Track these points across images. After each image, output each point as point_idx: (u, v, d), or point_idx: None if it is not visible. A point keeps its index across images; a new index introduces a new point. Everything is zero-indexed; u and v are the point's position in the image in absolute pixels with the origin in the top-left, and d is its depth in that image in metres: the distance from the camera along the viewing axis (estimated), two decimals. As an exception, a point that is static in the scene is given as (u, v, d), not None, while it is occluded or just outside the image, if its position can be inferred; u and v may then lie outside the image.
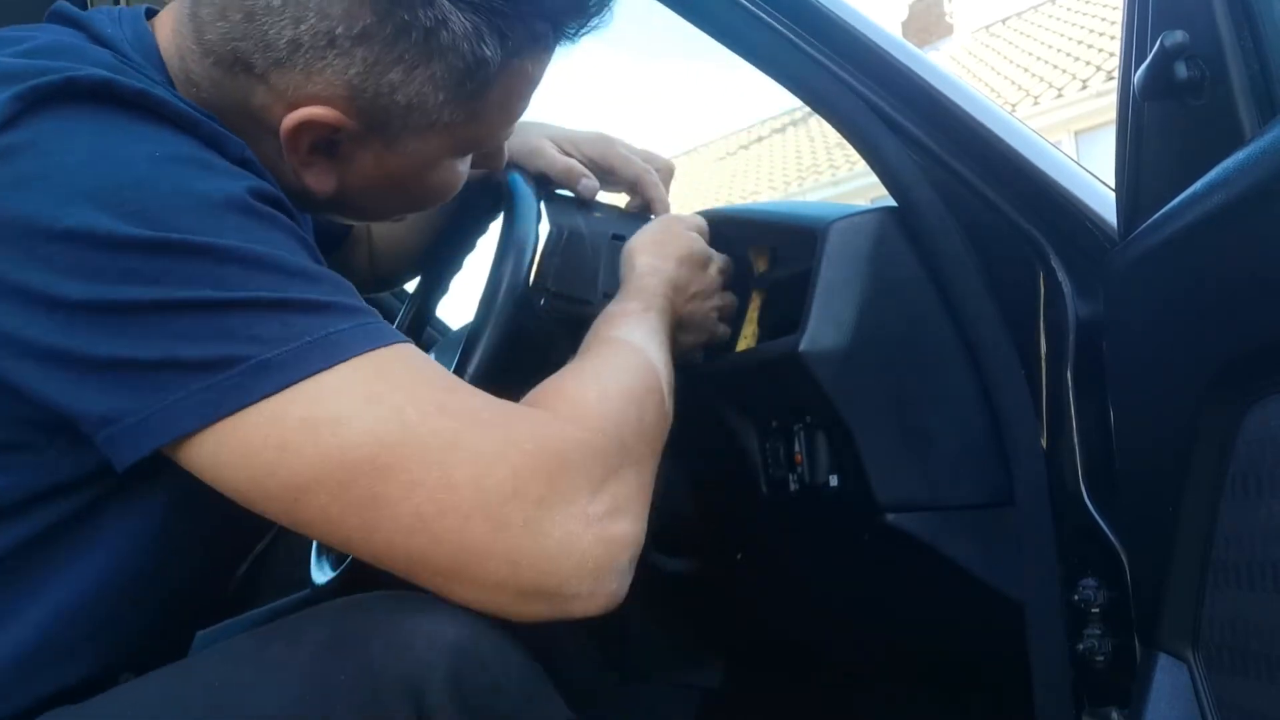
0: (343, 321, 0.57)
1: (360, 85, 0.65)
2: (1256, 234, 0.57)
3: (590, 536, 0.58)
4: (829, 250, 0.90)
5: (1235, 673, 0.64)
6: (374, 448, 0.55)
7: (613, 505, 0.61)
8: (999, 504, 0.88)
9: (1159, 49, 0.68)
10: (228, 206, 0.57)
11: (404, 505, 0.55)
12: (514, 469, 0.57)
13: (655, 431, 0.71)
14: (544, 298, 0.95)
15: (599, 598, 0.59)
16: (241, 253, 0.56)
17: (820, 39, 0.90)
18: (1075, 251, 0.86)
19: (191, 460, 0.56)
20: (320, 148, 0.68)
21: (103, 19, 0.67)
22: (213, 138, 0.61)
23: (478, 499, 0.56)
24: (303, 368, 0.55)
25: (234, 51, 0.64)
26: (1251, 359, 0.59)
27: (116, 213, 0.54)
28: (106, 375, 0.54)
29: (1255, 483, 0.60)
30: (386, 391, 0.57)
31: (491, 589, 0.57)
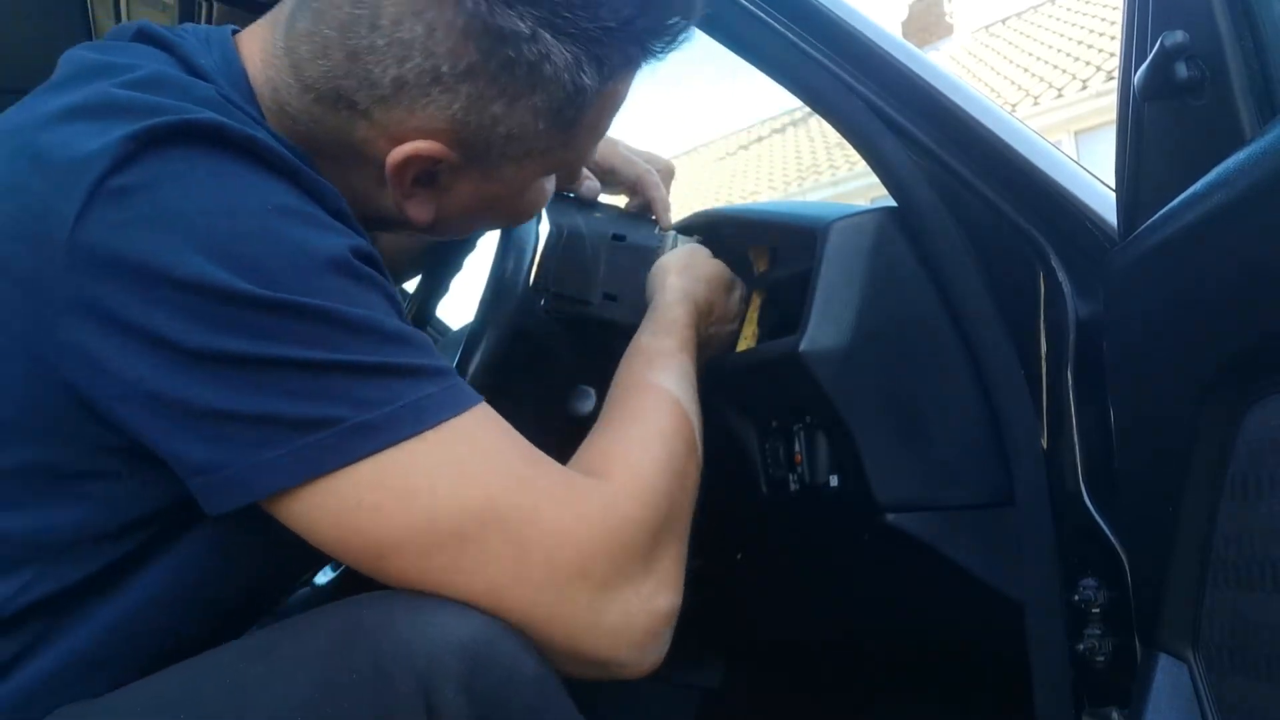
0: (431, 385, 0.59)
1: (464, 119, 0.66)
2: (1256, 234, 0.57)
3: (643, 615, 0.62)
4: (829, 250, 0.90)
5: (1235, 672, 0.64)
6: (460, 519, 0.58)
7: (661, 581, 0.65)
8: (999, 504, 0.88)
9: (1159, 49, 0.68)
10: (333, 267, 0.58)
11: (479, 574, 0.59)
12: (582, 550, 0.60)
13: (693, 496, 0.74)
14: (544, 298, 0.95)
15: (643, 665, 0.63)
16: (345, 316, 0.57)
17: (820, 39, 0.90)
18: (1075, 251, 0.86)
19: (281, 511, 0.58)
20: (422, 179, 0.70)
21: (192, 43, 0.68)
22: (313, 187, 0.62)
23: (547, 576, 0.59)
24: (397, 431, 0.57)
25: (337, 89, 0.65)
26: (1251, 359, 0.59)
27: (231, 267, 0.55)
28: (208, 425, 0.56)
29: (1255, 483, 0.60)
30: (474, 463, 0.59)
31: (555, 655, 0.60)
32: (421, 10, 0.62)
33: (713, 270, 0.96)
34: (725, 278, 0.97)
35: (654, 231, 1.00)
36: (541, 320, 0.97)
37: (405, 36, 0.62)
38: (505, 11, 0.62)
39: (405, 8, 0.62)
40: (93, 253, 0.55)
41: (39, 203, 0.56)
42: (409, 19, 0.62)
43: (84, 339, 0.56)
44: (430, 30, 0.62)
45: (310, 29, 0.65)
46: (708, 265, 0.96)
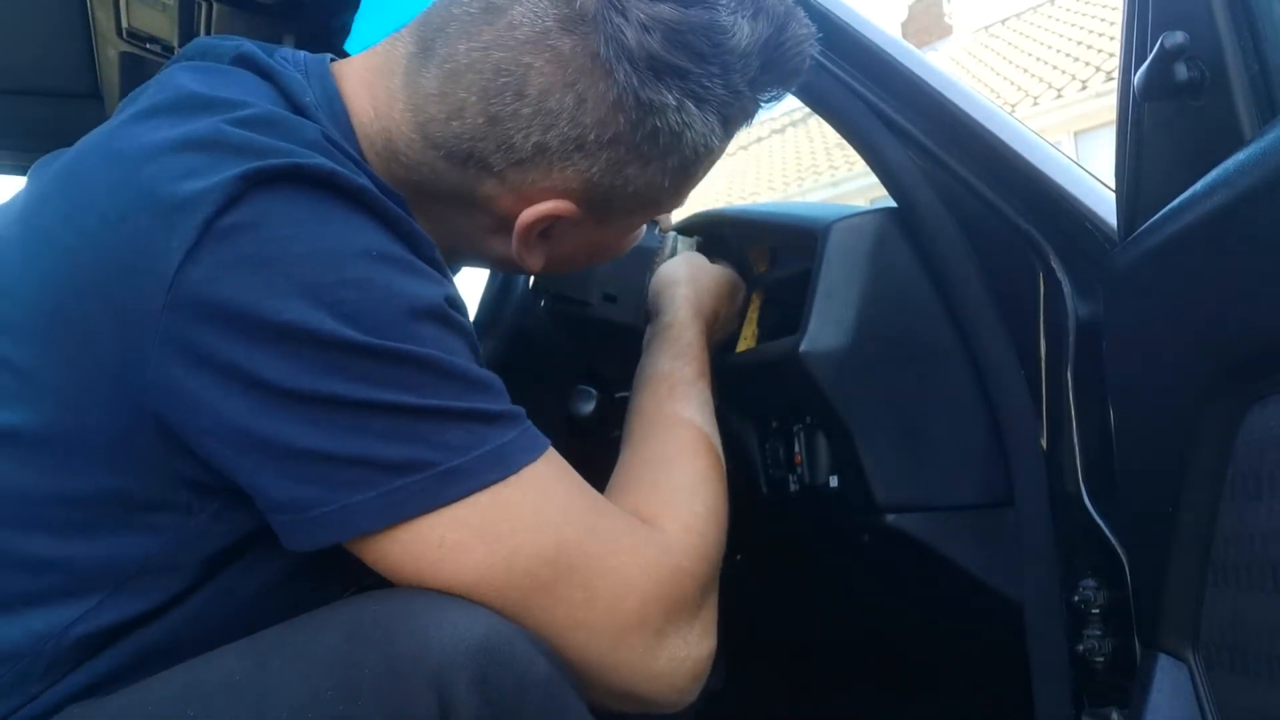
0: (509, 431, 0.61)
1: (598, 182, 0.68)
2: (1256, 235, 0.57)
3: (689, 662, 0.66)
4: (829, 251, 0.90)
5: (1235, 673, 0.64)
6: (534, 563, 0.60)
7: (705, 628, 0.68)
8: (999, 504, 0.88)
9: (1159, 50, 0.68)
10: (427, 315, 0.60)
11: (546, 615, 0.61)
12: (643, 600, 0.63)
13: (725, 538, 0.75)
14: (544, 299, 0.95)
15: (680, 706, 0.67)
16: (437, 362, 0.59)
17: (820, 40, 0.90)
18: (1075, 252, 0.86)
19: (363, 550, 0.60)
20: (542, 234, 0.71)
21: (292, 74, 0.68)
22: (411, 234, 0.62)
23: (609, 622, 0.62)
24: (484, 477, 0.59)
25: (470, 151, 0.66)
26: (1251, 359, 0.59)
27: (332, 312, 0.56)
28: (299, 464, 0.57)
29: (1255, 483, 0.60)
30: (550, 508, 0.62)
31: (601, 693, 0.64)
32: (573, 82, 0.64)
33: (718, 279, 0.97)
34: (730, 284, 0.98)
35: (654, 232, 1.00)
36: (541, 321, 0.97)
37: (554, 107, 0.64)
38: (655, 84, 0.64)
39: (555, 79, 0.64)
40: (196, 291, 0.55)
41: (146, 237, 0.57)
42: (559, 90, 0.64)
43: (179, 373, 0.56)
44: (580, 101, 0.64)
45: (443, 89, 0.66)
46: (712, 274, 0.97)
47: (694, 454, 0.77)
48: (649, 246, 0.99)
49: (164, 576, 0.61)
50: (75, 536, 0.60)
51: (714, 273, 0.97)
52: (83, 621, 0.60)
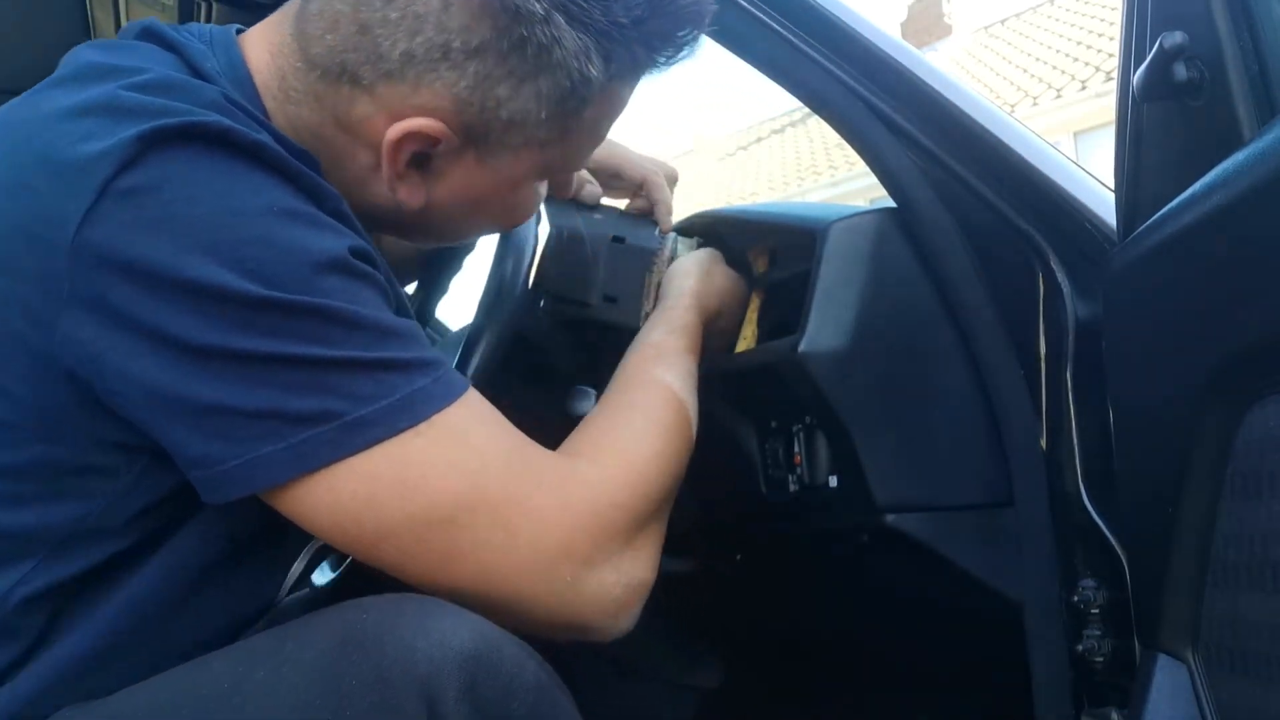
0: (424, 378, 0.61)
1: (467, 99, 0.66)
2: (1256, 235, 0.57)
3: (618, 588, 0.67)
4: (828, 251, 0.90)
5: (1235, 673, 0.64)
6: (450, 510, 0.61)
7: (638, 559, 0.69)
8: (998, 504, 0.88)
9: (1158, 50, 0.68)
10: (331, 266, 0.60)
11: (470, 558, 0.62)
12: (567, 533, 0.64)
13: (679, 478, 0.77)
14: (544, 299, 0.95)
15: (614, 631, 0.69)
16: (343, 314, 0.59)
17: (820, 40, 0.90)
18: (1074, 252, 0.86)
19: (279, 502, 0.60)
20: (416, 161, 0.70)
21: (196, 45, 0.68)
22: (314, 188, 0.63)
23: (534, 558, 0.63)
24: (392, 426, 0.60)
25: (342, 64, 0.66)
26: (1250, 359, 0.59)
27: (236, 269, 0.57)
28: (209, 420, 0.58)
29: (1255, 483, 0.61)
30: (464, 453, 0.62)
31: (531, 625, 0.65)
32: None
33: (727, 281, 0.98)
34: (738, 289, 1.00)
35: (654, 234, 1.00)
36: (541, 322, 0.97)
37: (420, 10, 0.63)
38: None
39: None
40: (98, 252, 0.56)
41: (45, 201, 0.57)
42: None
43: (87, 334, 0.57)
44: (446, 4, 0.63)
45: (322, 6, 0.66)
46: (723, 276, 0.98)
47: (657, 406, 0.78)
48: (649, 248, 0.99)
49: (100, 537, 0.62)
50: (9, 507, 0.61)
51: (725, 273, 0.99)
52: (24, 584, 0.61)
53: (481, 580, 0.62)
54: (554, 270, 0.96)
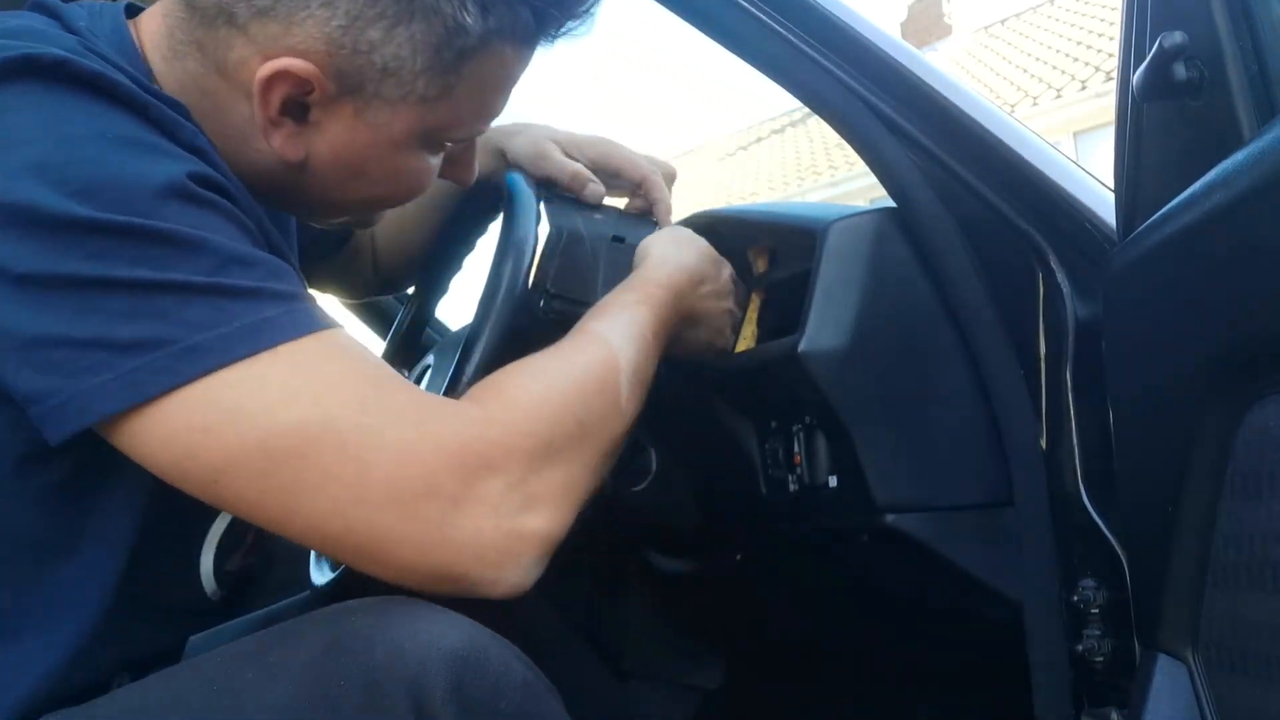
0: (273, 308, 0.58)
1: (339, 40, 0.65)
2: (1256, 235, 0.57)
3: (498, 534, 0.61)
4: (828, 251, 0.90)
5: (1235, 673, 0.64)
6: (295, 438, 0.57)
7: (525, 503, 0.63)
8: (998, 504, 0.88)
9: (1158, 50, 0.68)
10: (169, 190, 0.58)
11: (321, 494, 0.58)
12: (429, 467, 0.59)
13: (599, 429, 0.71)
14: (543, 299, 0.95)
15: (501, 585, 0.62)
16: (178, 236, 0.57)
17: (819, 40, 0.90)
18: (1074, 252, 0.86)
19: (116, 438, 0.57)
20: (291, 109, 0.68)
21: (80, 12, 0.68)
22: (164, 122, 0.61)
23: (390, 494, 0.58)
24: (229, 353, 0.56)
25: (218, 4, 0.65)
26: (1251, 359, 0.59)
27: (61, 190, 0.55)
28: (38, 352, 0.55)
29: (1255, 483, 0.61)
30: (312, 384, 0.58)
31: (401, 572, 0.60)
32: None
33: (701, 244, 0.93)
34: (712, 252, 0.93)
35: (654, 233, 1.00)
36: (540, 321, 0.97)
37: None
38: None
39: None
40: None
41: None
42: None
43: None
44: None
45: None
46: (695, 241, 0.93)
47: (575, 351, 0.74)
48: None
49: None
50: None
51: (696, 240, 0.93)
52: None
53: (336, 518, 0.58)
54: (554, 270, 0.96)
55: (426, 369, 1.07)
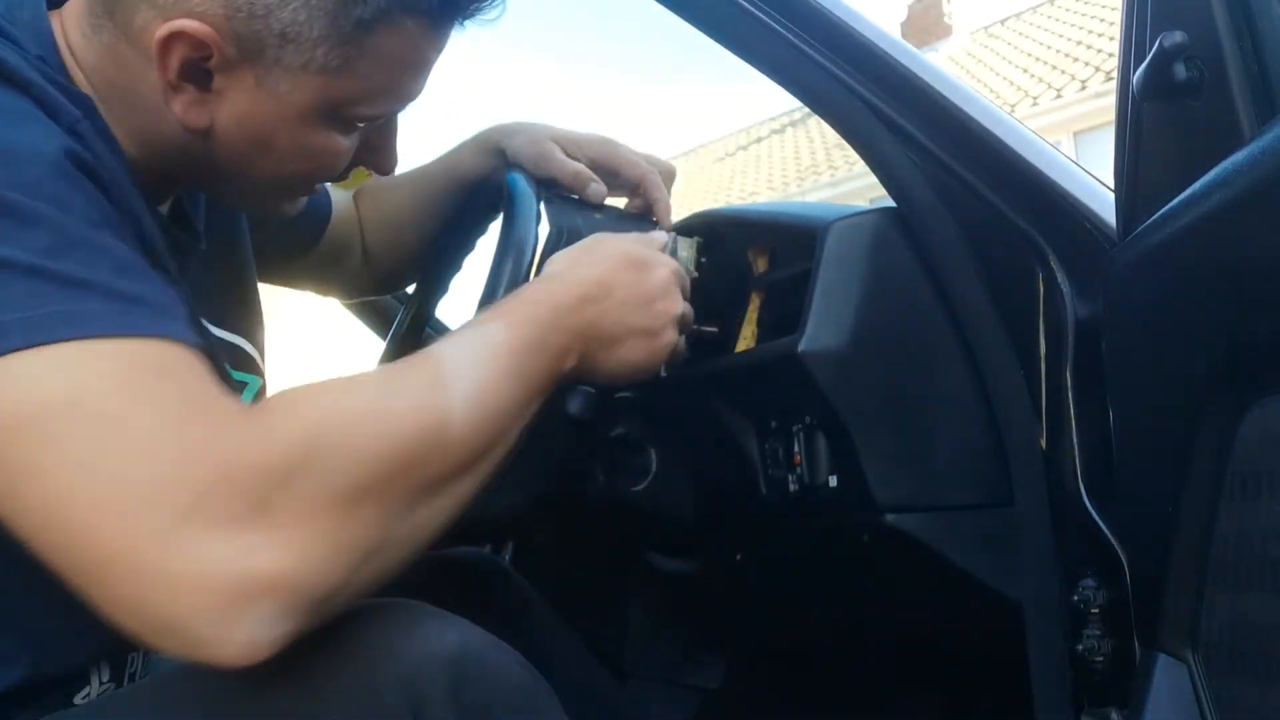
0: (100, 302, 0.54)
1: (236, 3, 0.65)
2: (1256, 234, 0.57)
3: (225, 567, 0.49)
4: (828, 251, 0.90)
5: (1234, 673, 0.64)
6: (40, 418, 0.51)
7: (278, 540, 0.51)
8: (998, 504, 0.88)
9: (1158, 49, 0.68)
10: (31, 160, 0.56)
11: (46, 476, 0.51)
12: (160, 473, 0.50)
13: (410, 465, 0.58)
14: None
15: (230, 646, 0.49)
16: (19, 208, 0.54)
17: (820, 40, 0.90)
18: (1074, 252, 0.86)
19: None
20: (193, 74, 0.67)
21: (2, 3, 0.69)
22: (47, 101, 0.61)
23: (113, 493, 0.50)
24: (29, 337, 0.52)
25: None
26: (1250, 359, 0.59)
27: None
28: None
29: (1255, 483, 0.61)
30: (82, 374, 0.52)
31: (118, 604, 0.51)
32: None
33: (613, 250, 0.81)
34: (635, 255, 0.81)
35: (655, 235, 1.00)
36: None
37: None
38: None
39: None
40: None
41: None
42: None
43: None
44: None
45: None
46: (605, 247, 0.81)
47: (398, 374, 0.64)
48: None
49: None
50: None
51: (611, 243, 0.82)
52: None
53: (56, 505, 0.50)
54: None
55: (426, 369, 1.07)
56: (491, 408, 0.64)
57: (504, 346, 0.67)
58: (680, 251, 1.01)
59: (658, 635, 1.39)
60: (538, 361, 0.69)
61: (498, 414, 0.64)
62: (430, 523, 0.59)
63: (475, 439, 0.62)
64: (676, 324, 0.82)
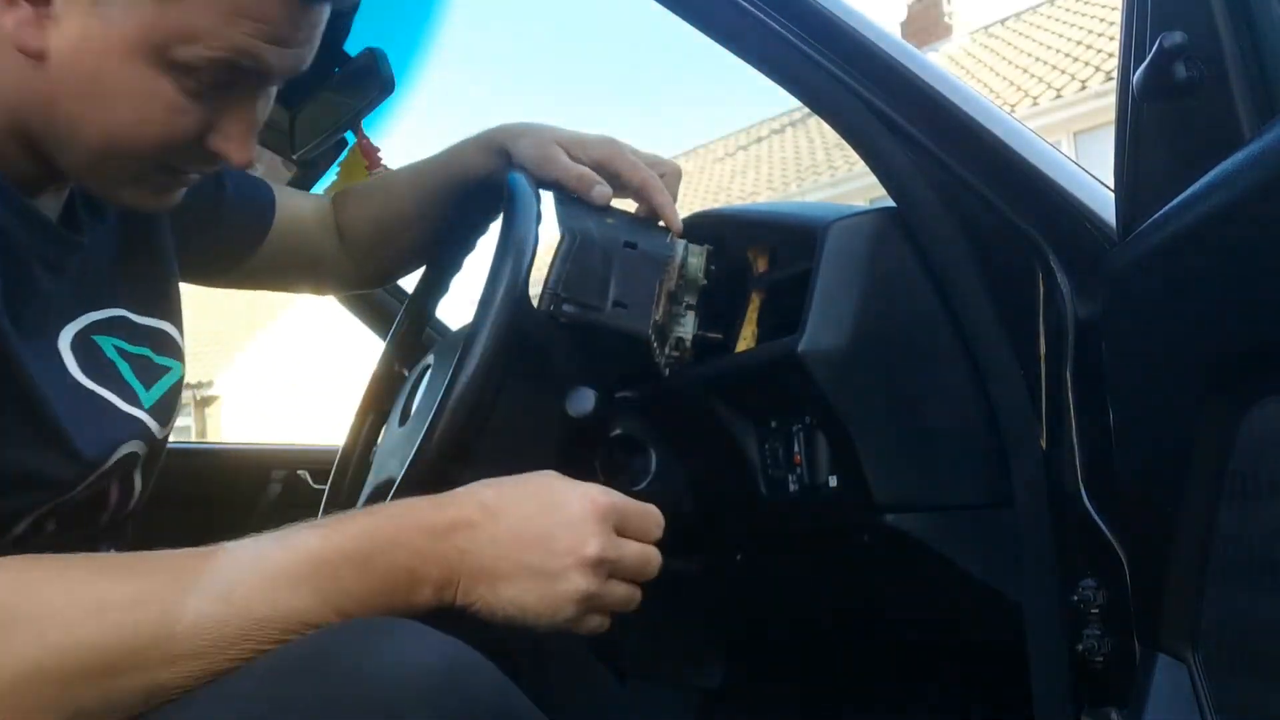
0: None
1: None
2: (1256, 234, 0.57)
3: None
4: (828, 251, 0.90)
5: (1234, 673, 0.64)
6: None
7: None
8: (998, 504, 0.88)
9: (1158, 49, 0.68)
10: None
11: None
12: None
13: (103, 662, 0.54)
14: (554, 303, 0.95)
15: None
16: None
17: (819, 40, 0.90)
18: (1074, 252, 0.86)
19: None
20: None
21: None
22: None
23: None
24: None
25: None
26: (1250, 359, 0.59)
27: None
28: None
29: (1254, 483, 0.61)
30: None
31: None
32: None
33: (537, 478, 0.72)
34: (550, 487, 0.71)
35: (666, 240, 1.00)
36: (540, 322, 0.97)
37: None
38: None
39: None
40: None
41: None
42: None
43: None
44: None
45: None
46: (535, 478, 0.72)
47: (139, 570, 0.59)
48: (660, 254, 0.98)
49: None
50: None
51: (533, 478, 0.72)
52: None
53: None
54: (566, 274, 0.96)
55: (427, 369, 1.07)
56: (243, 612, 0.57)
57: (303, 553, 0.61)
58: (690, 259, 1.01)
59: (658, 635, 1.39)
60: (353, 578, 0.61)
61: (250, 620, 0.57)
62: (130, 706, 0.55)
63: (202, 640, 0.56)
64: (589, 571, 0.68)
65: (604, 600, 0.71)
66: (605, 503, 0.71)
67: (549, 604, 0.68)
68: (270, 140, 1.49)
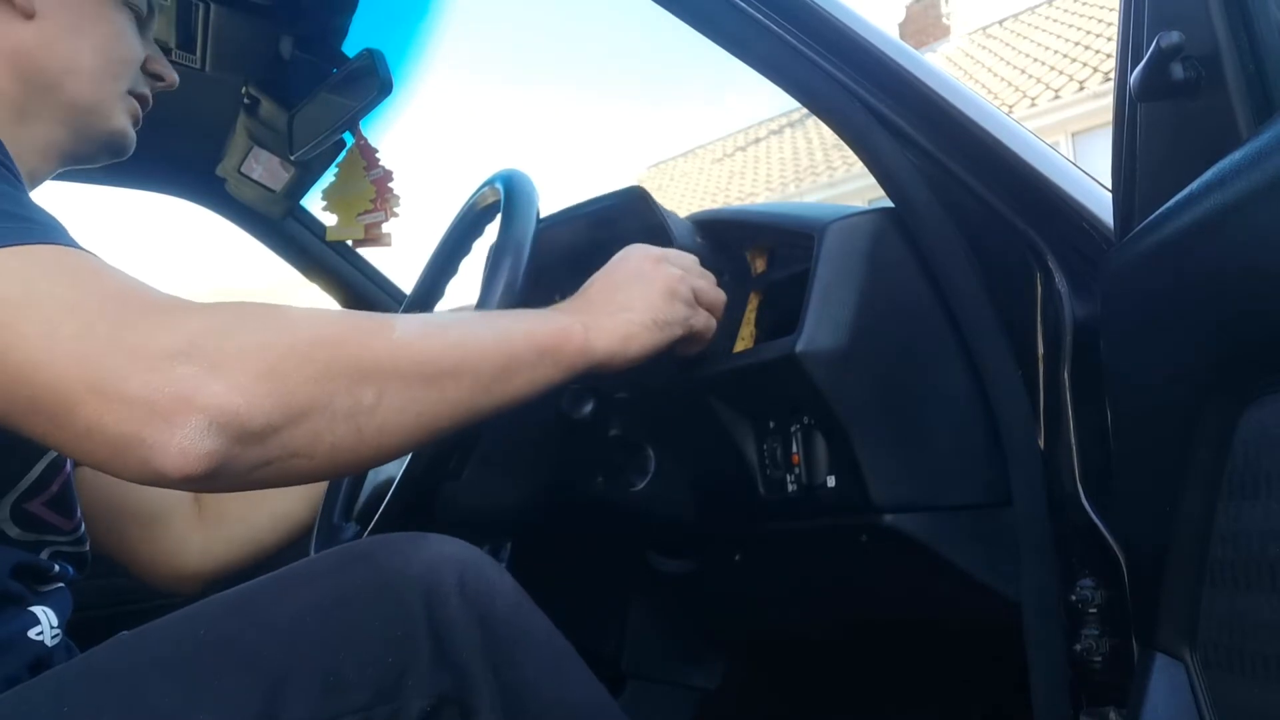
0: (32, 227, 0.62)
1: None
2: (1253, 235, 0.57)
3: (172, 391, 0.56)
4: (826, 251, 0.90)
5: (1232, 673, 0.64)
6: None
7: (210, 373, 0.57)
8: (996, 504, 0.88)
9: (1155, 50, 0.68)
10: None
11: (13, 354, 0.57)
12: (114, 329, 0.58)
13: (333, 341, 0.63)
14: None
15: (167, 454, 0.56)
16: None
17: (817, 41, 0.90)
18: (1072, 252, 0.86)
19: None
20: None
21: None
22: None
23: (73, 348, 0.57)
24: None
25: None
26: (1248, 359, 0.59)
27: None
28: None
29: (1253, 483, 0.61)
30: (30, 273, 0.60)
31: (81, 433, 0.57)
32: None
33: (626, 263, 0.88)
34: (650, 249, 0.89)
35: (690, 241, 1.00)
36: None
37: None
38: None
39: None
40: None
41: None
42: None
43: None
44: None
45: None
46: (626, 259, 0.88)
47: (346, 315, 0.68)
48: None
49: None
50: None
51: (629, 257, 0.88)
52: None
53: (27, 368, 0.57)
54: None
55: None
56: (452, 334, 0.69)
57: (486, 312, 0.79)
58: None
59: (658, 635, 1.39)
60: (526, 320, 0.76)
61: (457, 340, 0.69)
62: (375, 418, 0.63)
63: (423, 347, 0.66)
64: (675, 280, 0.86)
65: (693, 309, 0.89)
66: (691, 259, 0.91)
67: (650, 302, 0.83)
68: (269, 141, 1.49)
